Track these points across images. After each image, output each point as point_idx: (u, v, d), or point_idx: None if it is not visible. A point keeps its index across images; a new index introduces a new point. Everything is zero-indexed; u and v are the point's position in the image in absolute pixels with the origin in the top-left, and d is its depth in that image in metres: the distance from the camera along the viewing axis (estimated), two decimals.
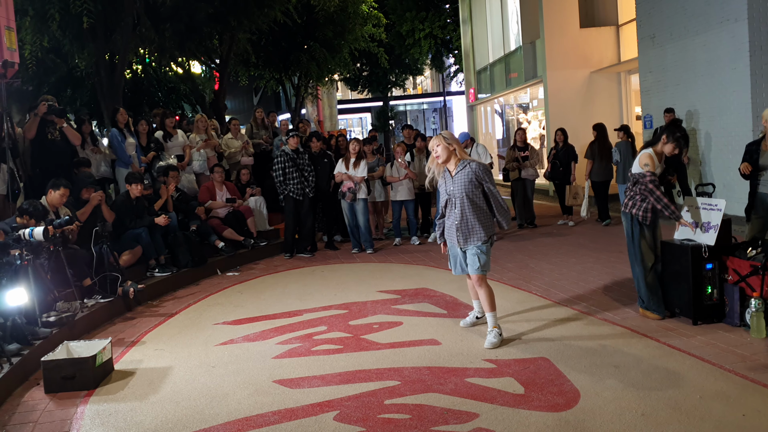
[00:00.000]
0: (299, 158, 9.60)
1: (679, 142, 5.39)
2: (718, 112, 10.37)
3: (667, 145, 5.41)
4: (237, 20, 13.17)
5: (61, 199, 6.83)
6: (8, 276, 5.32)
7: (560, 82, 15.98)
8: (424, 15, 25.77)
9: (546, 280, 7.26)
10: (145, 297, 7.43)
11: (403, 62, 31.21)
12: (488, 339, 5.13)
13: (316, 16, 17.09)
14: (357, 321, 6.12)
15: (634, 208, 5.50)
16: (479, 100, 22.65)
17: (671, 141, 5.39)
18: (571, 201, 11.09)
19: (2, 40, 7.33)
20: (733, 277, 5.21)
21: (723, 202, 5.33)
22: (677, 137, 5.38)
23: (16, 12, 8.20)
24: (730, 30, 9.88)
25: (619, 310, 5.90)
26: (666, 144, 5.41)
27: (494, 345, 5.08)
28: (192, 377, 4.91)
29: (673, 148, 5.40)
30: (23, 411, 4.48)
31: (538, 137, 18.03)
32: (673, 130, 5.41)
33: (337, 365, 4.94)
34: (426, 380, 4.51)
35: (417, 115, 42.01)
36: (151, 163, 9.46)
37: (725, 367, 4.40)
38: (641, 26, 12.48)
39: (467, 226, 5.14)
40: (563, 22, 15.94)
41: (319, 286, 7.74)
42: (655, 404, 3.90)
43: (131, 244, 7.83)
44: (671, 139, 5.39)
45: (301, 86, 19.93)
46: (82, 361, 4.79)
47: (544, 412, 3.89)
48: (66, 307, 6.09)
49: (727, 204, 5.40)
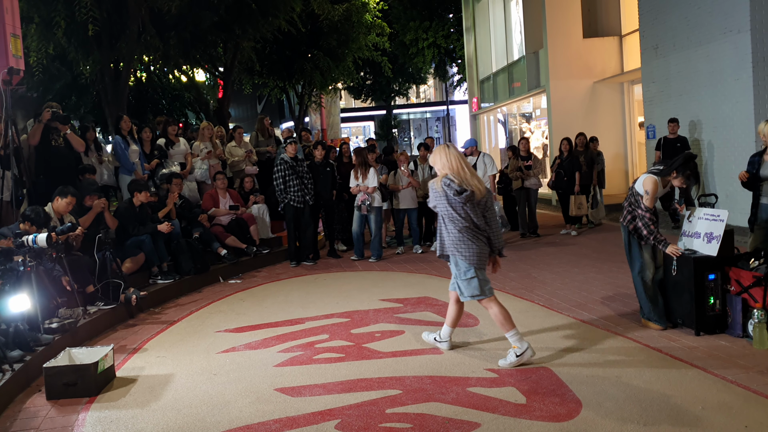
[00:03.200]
0: (298, 165, 9.61)
1: (689, 180, 5.40)
2: (721, 122, 10.37)
3: (676, 179, 5.42)
4: (241, 29, 13.24)
5: (67, 207, 6.85)
6: (11, 282, 5.34)
7: (563, 92, 16.00)
8: (428, 24, 25.85)
9: (548, 289, 7.26)
10: (148, 304, 7.43)
11: (407, 71, 31.30)
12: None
13: (320, 25, 17.16)
14: (359, 329, 6.12)
15: (632, 223, 5.52)
16: (482, 109, 22.69)
17: (680, 176, 5.39)
18: (576, 211, 11.09)
19: (8, 47, 7.39)
20: (736, 287, 5.20)
21: (725, 212, 5.32)
22: (687, 175, 5.38)
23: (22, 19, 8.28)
24: (733, 41, 9.90)
25: (621, 320, 5.89)
26: (675, 178, 5.43)
27: (511, 364, 4.85)
28: (193, 385, 4.91)
29: (681, 182, 5.42)
30: (25, 417, 4.48)
31: (541, 147, 18.04)
32: (685, 168, 5.39)
33: (339, 374, 4.93)
34: (427, 389, 4.50)
35: (420, 123, 42.09)
36: (154, 170, 9.49)
37: (728, 378, 4.38)
38: (644, 37, 12.50)
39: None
40: (566, 32, 15.99)
41: (321, 294, 7.74)
42: (657, 415, 3.88)
43: (134, 251, 7.84)
44: (680, 176, 5.39)
45: (304, 94, 20.00)
46: (84, 368, 4.79)
47: (546, 422, 3.89)
48: (68, 314, 6.09)
49: (730, 214, 5.40)
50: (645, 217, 5.41)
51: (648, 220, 5.40)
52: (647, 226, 5.40)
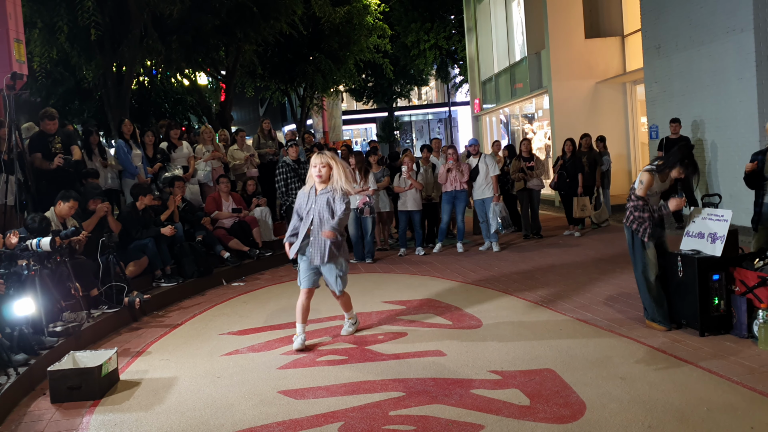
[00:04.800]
0: (300, 168, 9.61)
1: (687, 169, 5.41)
2: (725, 122, 10.35)
3: (673, 171, 5.44)
4: (243, 32, 13.26)
5: (69, 211, 6.86)
6: (15, 286, 5.35)
7: (565, 93, 15.99)
8: (429, 26, 25.85)
9: (552, 290, 7.25)
10: (151, 307, 7.44)
11: (408, 73, 31.29)
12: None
13: (321, 28, 17.17)
14: (362, 332, 6.12)
15: (635, 223, 5.52)
16: (484, 110, 22.69)
17: (678, 167, 5.41)
18: (579, 213, 11.07)
19: (11, 52, 7.40)
20: (741, 288, 5.18)
21: (729, 212, 5.31)
22: (685, 164, 5.40)
23: (25, 24, 8.28)
24: (736, 40, 9.88)
25: (625, 321, 5.87)
26: (673, 170, 5.44)
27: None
28: (197, 388, 4.91)
29: (678, 173, 5.43)
30: (29, 421, 4.49)
31: (544, 147, 18.03)
32: (681, 159, 5.41)
33: (342, 376, 4.93)
34: (431, 391, 4.49)
35: (422, 125, 42.07)
36: (157, 174, 9.51)
37: (733, 379, 4.37)
38: (646, 36, 12.49)
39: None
40: (568, 32, 15.98)
41: (324, 297, 7.71)
42: (661, 417, 3.87)
43: (137, 255, 7.86)
44: (677, 167, 5.41)
45: (306, 97, 20.01)
46: (88, 371, 4.80)
47: (550, 424, 3.88)
48: (72, 317, 6.10)
49: (734, 214, 5.38)
50: (637, 205, 5.45)
51: (637, 206, 5.45)
52: (636, 209, 5.46)
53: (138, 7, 11.04)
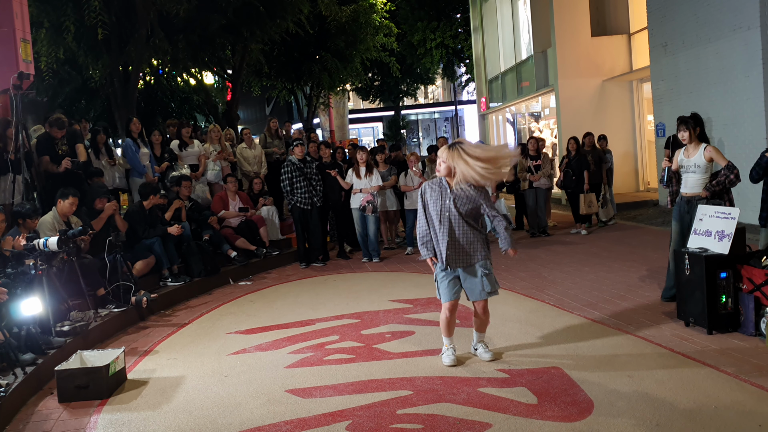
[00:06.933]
0: (306, 167, 9.61)
1: (685, 122, 5.55)
2: (731, 120, 10.31)
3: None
4: (250, 31, 13.27)
5: (71, 208, 6.86)
6: (23, 285, 5.37)
7: (572, 91, 15.94)
8: (436, 25, 25.83)
9: (559, 289, 7.23)
10: (158, 306, 7.46)
11: (415, 72, 31.27)
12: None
13: (328, 27, 17.18)
14: (369, 330, 6.12)
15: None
16: (491, 109, 22.65)
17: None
18: (586, 209, 11.05)
19: (18, 52, 7.43)
20: (748, 286, 5.16)
21: (737, 210, 5.29)
22: (683, 119, 5.53)
23: (32, 24, 8.33)
24: (743, 38, 9.84)
25: (632, 319, 5.86)
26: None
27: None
28: (205, 386, 4.92)
29: (681, 134, 5.55)
30: (37, 420, 4.51)
31: (550, 146, 17.97)
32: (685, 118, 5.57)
33: (350, 375, 4.93)
34: (438, 390, 4.49)
35: (428, 124, 42.03)
36: (165, 173, 9.53)
37: (741, 376, 4.35)
38: (653, 34, 12.45)
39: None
40: (575, 30, 15.93)
41: (331, 296, 7.75)
42: (669, 415, 3.86)
43: (144, 254, 7.88)
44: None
45: (313, 96, 20.03)
46: (96, 371, 4.81)
47: (558, 422, 3.87)
48: (80, 317, 6.13)
49: (741, 212, 5.37)
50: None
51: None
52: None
53: (144, 6, 11.07)
